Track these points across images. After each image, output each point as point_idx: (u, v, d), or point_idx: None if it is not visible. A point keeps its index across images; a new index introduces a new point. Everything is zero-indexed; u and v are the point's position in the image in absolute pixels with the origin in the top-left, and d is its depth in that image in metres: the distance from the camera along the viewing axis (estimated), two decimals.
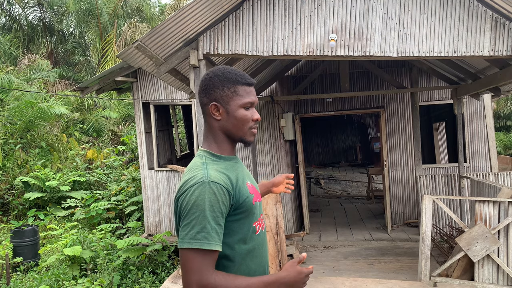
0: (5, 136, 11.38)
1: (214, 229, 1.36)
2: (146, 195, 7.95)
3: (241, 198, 1.46)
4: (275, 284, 1.40)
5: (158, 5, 23.60)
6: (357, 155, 16.99)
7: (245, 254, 1.49)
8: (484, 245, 4.42)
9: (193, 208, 1.36)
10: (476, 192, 5.71)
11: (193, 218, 1.35)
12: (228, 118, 1.52)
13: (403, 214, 7.95)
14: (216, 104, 1.52)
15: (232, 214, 1.44)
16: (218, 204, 1.37)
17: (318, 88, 8.16)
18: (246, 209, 1.48)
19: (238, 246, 1.47)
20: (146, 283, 6.01)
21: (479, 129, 7.65)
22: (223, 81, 1.52)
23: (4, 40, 17.35)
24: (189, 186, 1.40)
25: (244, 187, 1.50)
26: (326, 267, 5.81)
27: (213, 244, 1.35)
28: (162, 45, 4.09)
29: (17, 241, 7.26)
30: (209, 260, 1.35)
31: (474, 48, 4.10)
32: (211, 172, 1.43)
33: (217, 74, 1.53)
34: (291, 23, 4.21)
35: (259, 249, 1.56)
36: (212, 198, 1.36)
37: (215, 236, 1.36)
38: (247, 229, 1.49)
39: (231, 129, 1.53)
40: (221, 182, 1.41)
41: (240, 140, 1.56)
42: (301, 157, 7.88)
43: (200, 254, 1.34)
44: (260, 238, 1.57)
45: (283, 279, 1.41)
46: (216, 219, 1.37)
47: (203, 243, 1.33)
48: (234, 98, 1.51)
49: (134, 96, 7.98)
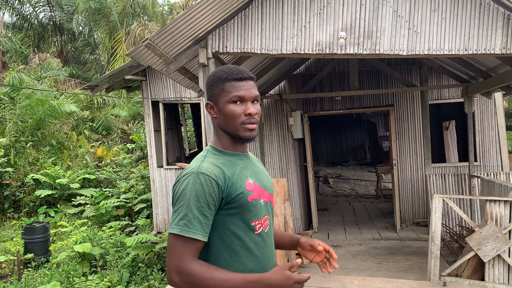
0: (17, 134, 11.51)
1: (197, 218, 1.39)
2: (155, 192, 8.00)
3: (234, 193, 1.46)
4: (257, 284, 1.38)
5: (167, 4, 23.68)
6: (366, 153, 16.90)
7: (240, 251, 1.48)
8: (494, 245, 4.38)
9: (180, 196, 1.42)
10: (487, 191, 5.65)
11: (179, 206, 1.41)
12: (220, 115, 1.56)
13: (412, 213, 7.90)
14: (209, 102, 1.59)
15: (224, 208, 1.46)
16: (204, 194, 1.40)
17: (327, 87, 8.13)
18: (239, 205, 1.47)
19: (231, 241, 1.47)
20: (155, 280, 6.05)
21: (490, 128, 7.56)
22: (214, 80, 1.57)
23: (16, 39, 17.55)
24: (181, 176, 1.46)
25: (239, 183, 1.49)
26: None
27: (193, 233, 1.38)
28: (171, 44, 4.11)
29: (28, 237, 7.35)
30: (190, 247, 1.38)
31: (486, 46, 4.05)
32: (204, 164, 1.47)
33: (212, 74, 1.60)
34: (300, 21, 4.20)
35: (259, 250, 1.53)
36: (198, 188, 1.40)
37: (197, 225, 1.39)
38: (241, 226, 1.49)
39: (224, 126, 1.56)
40: (211, 174, 1.43)
41: (235, 136, 1.56)
42: (309, 156, 7.86)
43: (181, 241, 1.38)
44: (259, 238, 1.53)
45: (267, 280, 1.38)
46: (201, 209, 1.40)
47: (182, 229, 1.38)
48: (221, 95, 1.54)
49: (144, 95, 8.03)
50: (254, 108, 1.54)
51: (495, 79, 5.55)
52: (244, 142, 1.59)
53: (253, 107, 1.54)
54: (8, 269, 7.20)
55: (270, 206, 1.64)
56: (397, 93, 7.88)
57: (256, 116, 1.55)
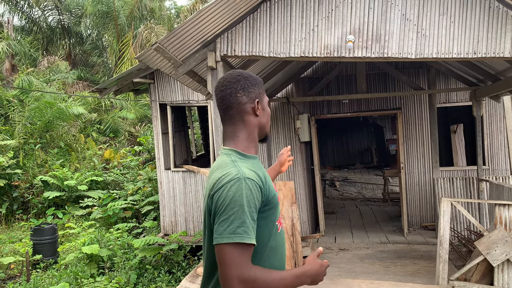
0: (25, 136, 11.63)
1: (251, 224, 1.40)
2: (163, 195, 8.03)
3: (270, 195, 1.51)
4: (303, 276, 1.47)
5: (174, 7, 23.81)
6: (372, 157, 16.83)
7: (269, 251, 1.53)
8: (504, 249, 4.34)
9: (231, 203, 1.39)
10: (496, 195, 5.61)
11: (231, 214, 1.38)
12: (264, 113, 1.67)
13: (420, 217, 7.85)
14: (258, 100, 1.65)
15: (262, 211, 1.48)
16: (254, 200, 1.42)
17: (334, 90, 8.13)
18: (273, 205, 1.54)
19: (264, 242, 1.51)
20: (163, 282, 6.08)
21: (498, 132, 7.51)
22: (255, 80, 1.66)
23: (25, 42, 17.73)
24: (225, 182, 1.43)
25: (271, 186, 1.56)
26: (341, 269, 5.78)
27: (252, 238, 1.39)
28: (180, 47, 4.14)
29: (37, 239, 7.41)
30: (247, 254, 1.38)
31: (495, 50, 4.04)
32: (244, 170, 1.47)
33: (248, 74, 1.67)
34: (308, 25, 4.21)
35: (281, 248, 1.61)
36: (248, 194, 1.41)
37: (253, 230, 1.40)
38: (272, 226, 1.54)
39: (265, 124, 1.68)
40: (255, 179, 1.46)
41: (266, 135, 1.70)
42: (316, 159, 7.86)
43: (239, 249, 1.37)
44: (281, 237, 1.61)
45: (309, 271, 1.49)
46: (252, 214, 1.41)
47: (243, 237, 1.36)
48: (263, 96, 1.68)
49: (151, 97, 8.07)
50: None
51: (504, 82, 5.52)
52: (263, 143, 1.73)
53: None
54: (17, 270, 7.26)
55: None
56: (404, 96, 7.85)
57: None
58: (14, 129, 11.72)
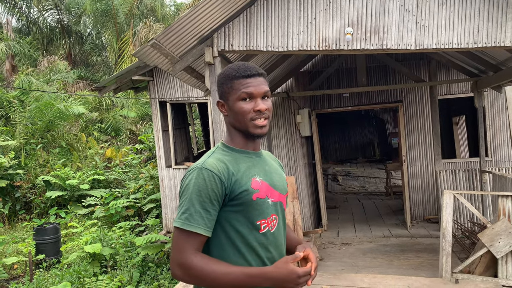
0: (27, 136, 11.63)
1: (199, 212, 1.40)
2: (164, 192, 8.02)
3: (237, 190, 1.46)
4: (259, 277, 1.38)
5: (174, 4, 23.73)
6: (375, 150, 16.79)
7: (243, 249, 1.48)
8: (507, 241, 4.31)
9: (184, 191, 1.45)
10: (499, 187, 5.57)
11: (182, 200, 1.44)
12: (230, 113, 1.57)
13: (423, 210, 7.82)
14: (220, 101, 1.60)
15: (228, 204, 1.46)
16: (207, 189, 1.42)
17: (334, 83, 8.07)
18: (243, 202, 1.47)
19: (235, 238, 1.48)
20: (165, 279, 6.07)
21: (501, 123, 7.45)
22: (223, 78, 1.58)
23: (24, 42, 17.72)
24: (187, 171, 1.50)
25: (244, 180, 1.48)
26: (344, 263, 5.76)
27: (193, 226, 1.40)
28: (177, 43, 4.10)
29: (40, 238, 7.42)
30: (191, 241, 1.40)
31: (496, 39, 3.98)
32: (209, 160, 1.49)
33: (221, 72, 1.61)
34: (306, 18, 4.16)
35: (264, 249, 1.51)
36: (201, 183, 1.42)
37: (198, 219, 1.40)
38: (245, 224, 1.48)
39: (235, 123, 1.57)
40: (214, 170, 1.44)
41: (246, 133, 1.56)
42: (318, 153, 7.82)
43: (183, 234, 1.41)
44: (264, 238, 1.51)
45: (269, 273, 1.38)
46: (203, 204, 1.41)
47: (184, 223, 1.40)
48: (231, 93, 1.55)
49: (151, 95, 8.05)
50: (264, 104, 1.53)
51: (506, 72, 5.46)
52: (255, 139, 1.58)
53: (263, 103, 1.53)
54: (20, 270, 7.27)
55: (281, 206, 1.61)
56: (405, 89, 7.80)
57: (267, 111, 1.54)
58: (15, 129, 11.73)
